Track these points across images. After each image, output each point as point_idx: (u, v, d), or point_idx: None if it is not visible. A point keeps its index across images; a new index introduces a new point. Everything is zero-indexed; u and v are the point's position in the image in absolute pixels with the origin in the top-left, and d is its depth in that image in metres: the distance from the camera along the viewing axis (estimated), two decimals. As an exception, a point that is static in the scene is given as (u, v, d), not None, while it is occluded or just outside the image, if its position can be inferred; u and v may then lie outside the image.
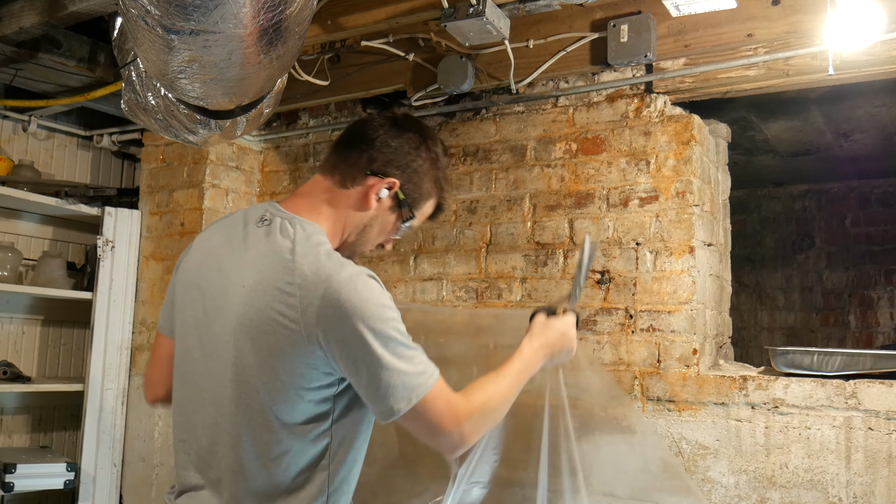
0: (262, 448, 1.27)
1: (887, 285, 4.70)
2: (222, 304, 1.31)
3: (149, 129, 2.40)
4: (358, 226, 1.39)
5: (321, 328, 1.21)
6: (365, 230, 1.40)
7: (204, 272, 1.38)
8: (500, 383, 1.39)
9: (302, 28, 1.52)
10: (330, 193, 1.38)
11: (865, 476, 2.08)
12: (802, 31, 2.25)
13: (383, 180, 1.37)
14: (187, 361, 1.39)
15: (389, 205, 1.40)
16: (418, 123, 1.47)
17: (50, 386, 3.22)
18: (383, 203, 1.39)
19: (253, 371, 1.26)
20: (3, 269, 3.12)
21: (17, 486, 2.86)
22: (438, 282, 2.85)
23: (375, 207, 1.38)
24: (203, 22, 1.26)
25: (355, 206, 1.38)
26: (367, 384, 1.23)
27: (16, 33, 2.52)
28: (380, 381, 1.21)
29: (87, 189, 3.38)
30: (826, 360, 2.19)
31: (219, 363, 1.31)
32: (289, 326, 1.22)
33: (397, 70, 2.90)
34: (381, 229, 1.43)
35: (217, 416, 1.31)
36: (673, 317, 2.38)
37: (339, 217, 1.38)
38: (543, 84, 2.72)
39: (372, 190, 1.37)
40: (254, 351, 1.25)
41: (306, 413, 1.27)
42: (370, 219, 1.39)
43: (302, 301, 1.21)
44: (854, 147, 3.79)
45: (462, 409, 1.28)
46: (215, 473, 1.32)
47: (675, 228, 2.41)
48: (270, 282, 1.25)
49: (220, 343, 1.31)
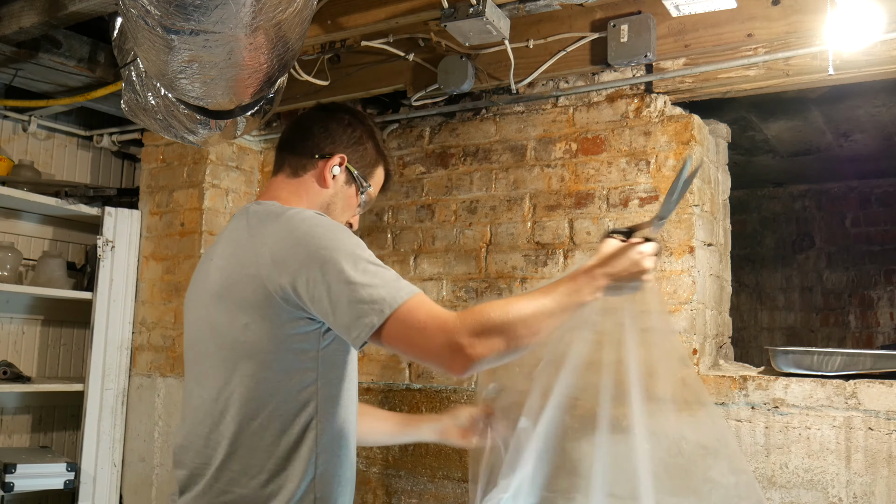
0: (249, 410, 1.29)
1: (887, 285, 4.70)
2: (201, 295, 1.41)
3: (149, 129, 2.40)
4: (322, 205, 1.48)
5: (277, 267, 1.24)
6: (329, 208, 1.49)
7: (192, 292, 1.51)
8: (530, 299, 1.26)
9: (302, 28, 1.52)
10: (286, 185, 1.49)
11: (865, 476, 2.08)
12: (802, 31, 2.25)
13: (332, 158, 1.48)
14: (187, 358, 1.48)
15: (344, 179, 1.50)
16: (343, 105, 1.60)
17: (50, 386, 3.22)
18: (338, 179, 1.49)
19: (225, 329, 1.31)
20: (3, 269, 3.12)
21: (17, 486, 2.86)
22: (438, 282, 2.85)
23: (332, 184, 1.49)
24: (203, 22, 1.26)
25: (314, 189, 1.48)
26: (332, 307, 1.21)
27: (16, 33, 2.52)
28: (345, 298, 1.19)
29: (87, 189, 3.38)
30: (826, 360, 2.19)
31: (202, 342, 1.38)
32: (249, 274, 1.27)
33: (397, 70, 2.90)
34: (345, 205, 1.52)
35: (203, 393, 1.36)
36: (673, 317, 2.38)
37: (302, 203, 1.46)
38: (543, 84, 2.72)
39: (325, 169, 1.47)
40: (225, 310, 1.31)
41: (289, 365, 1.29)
42: (331, 196, 1.49)
43: (255, 244, 1.28)
44: (854, 147, 3.79)
45: (451, 318, 1.20)
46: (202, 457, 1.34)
47: (675, 228, 2.41)
48: (232, 247, 1.35)
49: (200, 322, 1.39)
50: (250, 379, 1.29)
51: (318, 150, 1.49)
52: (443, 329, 1.18)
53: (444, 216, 2.88)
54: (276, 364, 1.28)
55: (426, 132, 2.96)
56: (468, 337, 1.17)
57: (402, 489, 2.79)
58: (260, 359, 1.28)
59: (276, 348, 1.27)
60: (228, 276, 1.31)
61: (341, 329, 1.22)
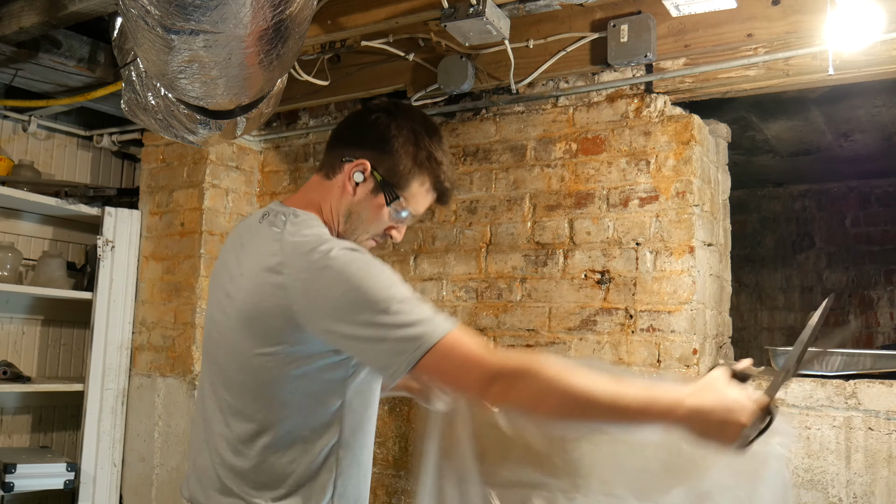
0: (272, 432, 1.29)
1: (887, 285, 4.70)
2: (226, 302, 1.35)
3: (149, 128, 2.40)
4: (343, 213, 1.40)
5: (310, 305, 1.21)
6: (351, 217, 1.40)
7: (215, 280, 1.45)
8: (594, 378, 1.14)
9: (302, 28, 1.52)
10: (319, 187, 1.42)
11: (865, 476, 2.08)
12: (802, 31, 2.25)
13: (353, 163, 1.38)
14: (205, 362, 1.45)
15: (371, 187, 1.39)
16: (388, 104, 1.45)
17: (50, 386, 3.22)
18: (363, 187, 1.38)
19: (248, 352, 1.28)
20: (3, 269, 3.12)
21: (17, 486, 2.86)
22: (438, 282, 2.85)
23: (356, 192, 1.39)
24: (203, 22, 1.26)
25: (339, 195, 1.40)
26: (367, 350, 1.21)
27: (16, 33, 2.52)
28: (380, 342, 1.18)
29: (87, 189, 3.38)
30: (826, 360, 2.19)
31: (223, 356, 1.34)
32: (280, 304, 1.23)
33: (397, 70, 2.90)
34: (371, 215, 1.41)
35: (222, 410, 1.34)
36: (673, 317, 2.38)
37: (326, 207, 1.40)
38: (543, 84, 2.72)
39: (348, 175, 1.38)
40: (251, 335, 1.27)
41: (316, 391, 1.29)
42: (353, 204, 1.39)
43: (288, 276, 1.23)
44: (854, 147, 3.79)
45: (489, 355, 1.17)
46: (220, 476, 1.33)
47: (675, 228, 2.41)
48: (260, 264, 1.27)
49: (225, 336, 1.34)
50: (274, 402, 1.28)
51: (345, 153, 1.40)
52: (479, 364, 1.16)
53: (443, 216, 2.88)
54: (303, 390, 1.28)
55: (426, 132, 2.96)
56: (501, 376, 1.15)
57: (402, 489, 2.79)
58: (286, 385, 1.27)
59: (303, 375, 1.27)
60: (259, 300, 1.26)
61: (377, 368, 1.24)
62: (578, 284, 2.56)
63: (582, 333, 2.53)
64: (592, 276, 2.54)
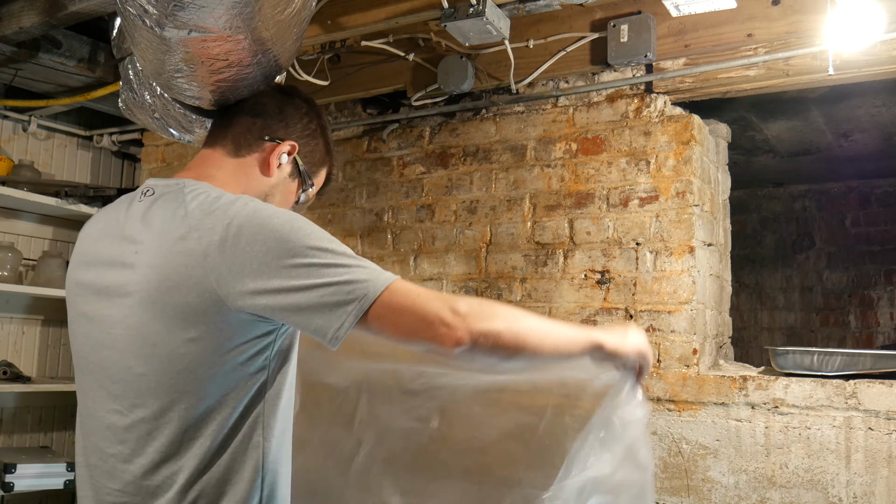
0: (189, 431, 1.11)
1: (887, 285, 4.70)
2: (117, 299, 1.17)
3: (147, 127, 2.40)
4: (260, 194, 1.30)
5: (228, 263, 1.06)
6: (267, 199, 1.31)
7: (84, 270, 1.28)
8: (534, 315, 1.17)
9: (301, 28, 1.52)
10: (222, 162, 1.30)
11: (865, 476, 2.08)
12: (802, 31, 2.25)
13: (282, 144, 1.31)
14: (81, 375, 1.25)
15: (289, 171, 1.34)
16: (303, 92, 1.43)
17: (50, 386, 3.22)
18: (283, 169, 1.33)
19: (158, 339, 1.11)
20: (3, 269, 3.12)
21: (17, 486, 2.86)
22: (438, 282, 2.85)
23: (276, 174, 1.32)
24: (201, 21, 1.26)
25: (254, 174, 1.31)
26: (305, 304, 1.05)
27: (16, 33, 2.53)
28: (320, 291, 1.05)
29: (87, 189, 3.38)
30: (826, 360, 2.19)
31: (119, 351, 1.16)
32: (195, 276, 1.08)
33: (397, 70, 2.90)
34: (283, 199, 1.36)
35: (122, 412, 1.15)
36: (673, 317, 2.38)
37: (238, 185, 1.27)
38: (543, 84, 2.72)
39: (272, 155, 1.31)
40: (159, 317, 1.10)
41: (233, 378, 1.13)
42: (271, 186, 1.33)
43: (201, 242, 1.08)
44: (854, 147, 3.79)
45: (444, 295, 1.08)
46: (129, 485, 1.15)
47: (675, 228, 2.41)
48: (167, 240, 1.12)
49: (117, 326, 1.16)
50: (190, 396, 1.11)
51: (268, 132, 1.31)
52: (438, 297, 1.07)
53: (444, 216, 2.88)
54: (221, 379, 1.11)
55: (426, 132, 2.96)
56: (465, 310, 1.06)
57: (401, 489, 2.79)
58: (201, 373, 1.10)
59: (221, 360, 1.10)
60: (165, 276, 1.10)
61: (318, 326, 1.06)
62: (578, 284, 2.56)
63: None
64: (592, 276, 2.54)
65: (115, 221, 1.24)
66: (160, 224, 1.15)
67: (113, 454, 1.16)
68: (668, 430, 2.35)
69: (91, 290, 1.24)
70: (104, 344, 1.18)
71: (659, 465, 2.35)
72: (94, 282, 1.23)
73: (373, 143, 3.09)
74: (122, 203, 1.27)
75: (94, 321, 1.21)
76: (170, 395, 1.12)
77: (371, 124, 3.09)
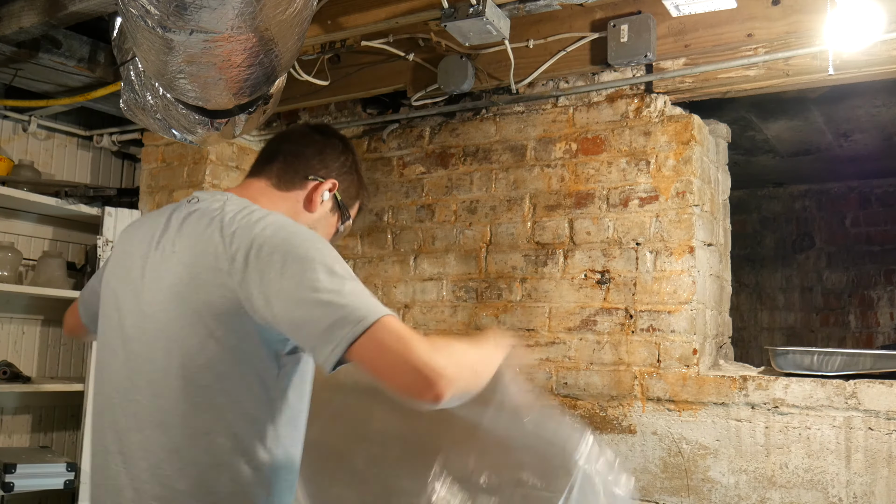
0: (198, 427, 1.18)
1: (887, 285, 4.70)
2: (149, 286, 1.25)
3: (148, 128, 2.40)
4: None
5: (249, 270, 1.14)
6: None
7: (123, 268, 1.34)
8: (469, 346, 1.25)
9: (302, 28, 1.52)
10: (269, 193, 1.40)
11: (865, 476, 2.08)
12: (802, 31, 2.25)
13: (325, 182, 1.43)
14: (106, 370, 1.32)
15: (330, 206, 1.45)
16: (336, 130, 1.55)
17: (50, 386, 3.22)
18: (325, 205, 1.44)
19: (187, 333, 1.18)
20: (3, 269, 3.12)
21: (17, 486, 2.86)
22: (438, 282, 2.85)
23: (319, 209, 1.43)
24: (203, 22, 1.26)
25: (297, 209, 1.41)
26: (300, 321, 1.11)
27: (16, 33, 2.52)
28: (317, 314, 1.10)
29: (87, 189, 3.38)
30: (826, 360, 2.19)
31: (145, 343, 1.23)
32: (220, 277, 1.16)
33: (397, 70, 2.90)
34: (325, 231, 1.47)
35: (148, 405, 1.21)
36: (673, 317, 2.38)
37: None
38: (543, 84, 2.72)
39: (316, 193, 1.42)
40: (184, 315, 1.18)
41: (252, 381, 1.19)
42: (314, 221, 1.43)
43: (230, 247, 1.17)
44: (854, 147, 3.79)
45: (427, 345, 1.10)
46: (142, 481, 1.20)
47: (675, 228, 2.41)
48: (200, 239, 1.21)
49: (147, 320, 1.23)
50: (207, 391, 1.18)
51: (311, 171, 1.42)
52: (421, 347, 1.07)
53: (444, 216, 2.88)
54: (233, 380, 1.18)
55: (426, 132, 2.96)
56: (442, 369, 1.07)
57: (402, 489, 2.79)
58: (220, 370, 1.17)
59: (236, 360, 1.17)
60: (196, 274, 1.18)
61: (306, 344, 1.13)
62: (578, 284, 2.56)
63: (582, 333, 2.53)
64: (592, 276, 2.54)
65: (157, 224, 1.34)
66: (198, 228, 1.24)
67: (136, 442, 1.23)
68: (668, 430, 2.35)
69: (125, 284, 1.32)
70: (131, 337, 1.26)
71: (659, 465, 2.35)
72: (127, 277, 1.32)
73: (373, 143, 3.10)
74: (167, 208, 1.37)
75: (125, 314, 1.29)
76: (188, 387, 1.19)
77: (371, 124, 3.09)
